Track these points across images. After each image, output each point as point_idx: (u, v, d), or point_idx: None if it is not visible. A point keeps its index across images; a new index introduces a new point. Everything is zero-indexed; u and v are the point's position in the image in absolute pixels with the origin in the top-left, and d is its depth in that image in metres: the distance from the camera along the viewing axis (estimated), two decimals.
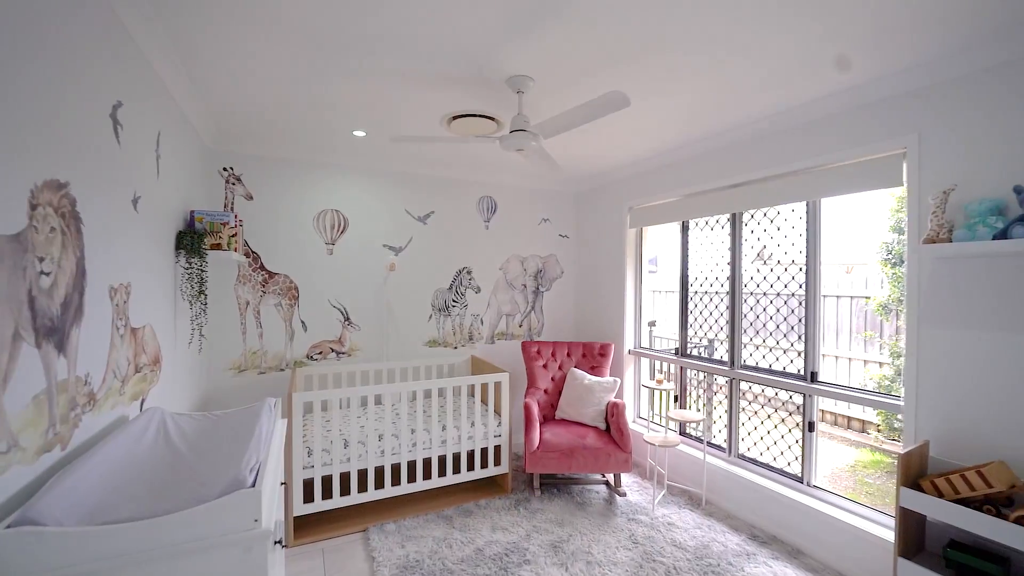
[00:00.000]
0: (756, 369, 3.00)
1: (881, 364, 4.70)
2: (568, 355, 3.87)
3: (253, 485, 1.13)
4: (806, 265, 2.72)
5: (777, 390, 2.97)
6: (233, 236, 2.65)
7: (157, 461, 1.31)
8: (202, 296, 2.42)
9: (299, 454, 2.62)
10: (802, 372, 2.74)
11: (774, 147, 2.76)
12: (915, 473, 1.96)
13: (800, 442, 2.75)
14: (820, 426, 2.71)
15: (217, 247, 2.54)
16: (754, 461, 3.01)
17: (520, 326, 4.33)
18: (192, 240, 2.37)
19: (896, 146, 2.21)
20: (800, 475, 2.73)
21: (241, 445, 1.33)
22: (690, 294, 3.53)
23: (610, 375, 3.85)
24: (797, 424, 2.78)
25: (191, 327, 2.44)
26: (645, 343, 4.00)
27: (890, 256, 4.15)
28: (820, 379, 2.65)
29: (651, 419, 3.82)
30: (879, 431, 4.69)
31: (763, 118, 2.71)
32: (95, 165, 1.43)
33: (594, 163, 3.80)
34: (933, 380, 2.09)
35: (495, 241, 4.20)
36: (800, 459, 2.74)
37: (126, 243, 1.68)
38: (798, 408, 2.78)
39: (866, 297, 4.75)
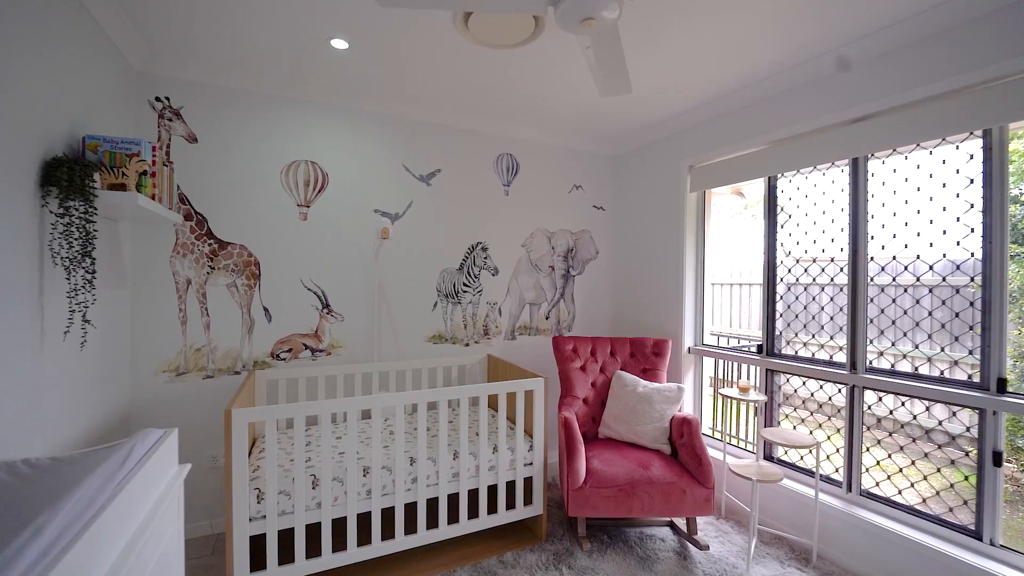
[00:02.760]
0: (894, 373, 2.15)
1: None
2: (611, 354, 3.01)
3: None
4: (984, 228, 1.87)
5: (929, 403, 2.10)
6: (148, 175, 1.79)
7: None
8: (87, 261, 1.57)
9: (243, 500, 1.76)
10: (976, 379, 1.90)
11: (924, 57, 1.91)
12: None
13: (972, 480, 1.90)
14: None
15: (120, 187, 1.68)
16: (888, 502, 2.16)
17: (547, 318, 3.47)
18: (72, 174, 1.52)
19: None
20: (975, 527, 1.89)
21: None
22: (780, 275, 2.68)
23: (667, 379, 3.00)
24: (968, 454, 1.94)
25: (69, 309, 1.58)
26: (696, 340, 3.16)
27: (1013, 231, 3.30)
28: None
29: (727, 440, 2.96)
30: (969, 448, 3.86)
31: (904, 18, 1.87)
32: None
33: (638, 113, 2.96)
34: None
35: (517, 210, 3.34)
36: (973, 505, 1.90)
37: None
38: (967, 429, 1.94)
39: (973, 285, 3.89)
